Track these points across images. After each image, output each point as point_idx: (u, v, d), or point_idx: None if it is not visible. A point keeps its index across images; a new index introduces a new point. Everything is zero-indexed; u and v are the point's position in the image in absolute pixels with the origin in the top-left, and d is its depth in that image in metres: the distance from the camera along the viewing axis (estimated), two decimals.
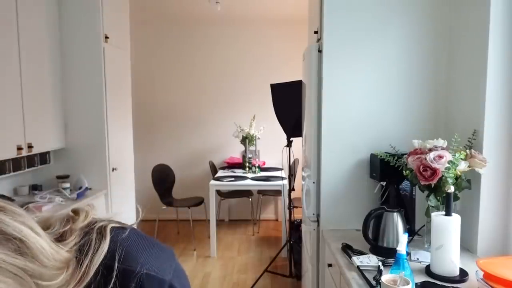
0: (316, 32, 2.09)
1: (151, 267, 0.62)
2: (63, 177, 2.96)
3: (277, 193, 4.45)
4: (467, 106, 1.72)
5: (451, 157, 1.50)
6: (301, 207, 2.57)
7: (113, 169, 3.21)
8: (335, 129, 1.94)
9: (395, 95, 1.93)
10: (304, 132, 2.37)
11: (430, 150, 1.55)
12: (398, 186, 1.83)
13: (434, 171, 1.48)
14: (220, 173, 4.50)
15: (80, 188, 2.85)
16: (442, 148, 1.56)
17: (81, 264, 0.57)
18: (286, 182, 3.81)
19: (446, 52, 1.90)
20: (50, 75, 2.88)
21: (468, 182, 1.56)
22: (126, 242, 0.63)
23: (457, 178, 1.52)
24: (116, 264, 0.60)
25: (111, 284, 0.58)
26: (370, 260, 1.48)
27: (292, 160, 3.29)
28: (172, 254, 0.66)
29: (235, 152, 5.19)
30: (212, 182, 4.04)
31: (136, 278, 0.61)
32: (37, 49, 2.70)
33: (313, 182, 2.06)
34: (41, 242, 0.53)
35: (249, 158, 4.51)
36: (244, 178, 4.19)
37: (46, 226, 0.57)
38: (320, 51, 1.99)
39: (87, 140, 3.07)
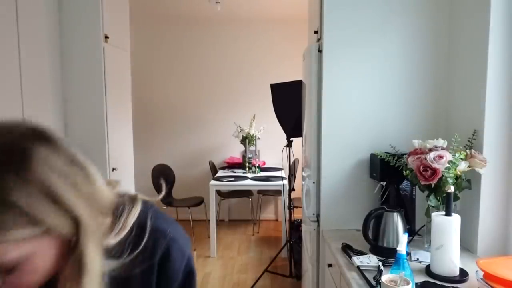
0: (316, 32, 2.09)
1: (177, 235, 0.71)
2: None
3: (277, 193, 4.45)
4: (467, 106, 1.72)
5: (451, 157, 1.50)
6: (301, 207, 2.57)
7: (113, 169, 3.21)
8: (335, 129, 1.94)
9: (395, 95, 1.93)
10: (304, 132, 2.37)
11: (430, 150, 1.55)
12: (398, 186, 1.83)
13: (434, 171, 1.48)
14: (220, 173, 4.50)
15: None
16: (442, 148, 1.56)
17: (119, 218, 0.64)
18: (286, 182, 3.81)
19: (446, 52, 1.90)
20: (50, 75, 2.88)
21: (468, 182, 1.56)
22: (155, 211, 0.71)
23: (457, 178, 1.52)
24: (149, 223, 0.67)
25: (144, 241, 0.65)
26: (370, 260, 1.48)
27: (292, 160, 3.29)
28: (189, 240, 0.74)
29: (235, 152, 5.19)
30: (212, 182, 4.04)
31: (166, 238, 0.69)
32: (36, 49, 2.70)
33: (313, 182, 2.06)
34: (98, 175, 0.61)
35: (249, 158, 4.51)
36: (244, 178, 4.19)
37: None
38: (320, 51, 1.99)
39: (87, 140, 3.07)
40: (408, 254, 1.49)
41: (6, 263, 0.52)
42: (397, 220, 1.58)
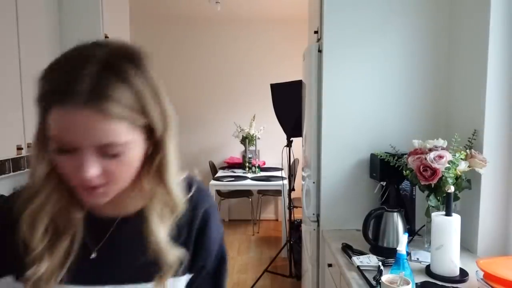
0: (316, 32, 2.09)
1: (215, 206, 0.80)
2: None
3: (277, 193, 4.45)
4: (467, 106, 1.72)
5: (451, 157, 1.50)
6: (301, 207, 2.57)
7: None
8: (335, 129, 1.94)
9: (395, 95, 1.93)
10: (304, 132, 2.37)
11: (430, 150, 1.55)
12: (398, 186, 1.83)
13: (434, 171, 1.48)
14: (220, 173, 4.50)
15: None
16: (442, 148, 1.56)
17: None
18: (286, 182, 3.81)
19: (446, 52, 1.90)
20: None
21: (468, 182, 1.56)
22: (198, 180, 0.80)
23: (457, 178, 1.52)
24: (195, 184, 0.77)
25: (191, 193, 0.74)
26: (370, 260, 1.48)
27: (292, 160, 3.29)
28: None
29: (235, 152, 5.19)
30: (212, 182, 4.04)
31: (209, 201, 0.78)
32: (36, 49, 2.70)
33: (313, 182, 2.06)
34: None
35: (249, 158, 4.51)
36: (244, 178, 4.19)
37: None
38: (320, 51, 1.99)
39: None
40: (408, 254, 1.49)
41: (114, 145, 0.59)
42: (397, 220, 1.58)
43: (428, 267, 1.43)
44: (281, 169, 4.32)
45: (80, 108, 0.55)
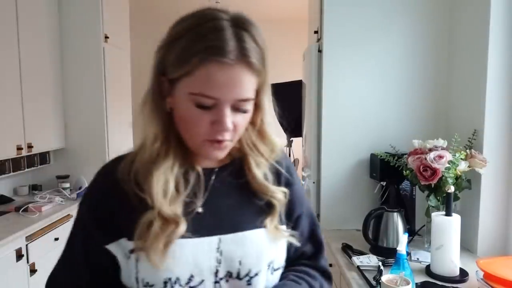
0: (316, 32, 2.09)
1: None
2: (63, 177, 2.96)
3: None
4: (467, 106, 1.72)
5: (451, 157, 1.50)
6: None
7: None
8: (335, 129, 1.94)
9: (395, 95, 1.93)
10: (304, 132, 2.37)
11: (430, 150, 1.55)
12: (398, 186, 1.83)
13: (434, 171, 1.48)
14: None
15: (80, 188, 2.85)
16: (442, 148, 1.56)
17: None
18: None
19: (447, 52, 1.90)
20: (50, 75, 2.88)
21: (468, 182, 1.56)
22: None
23: (457, 178, 1.52)
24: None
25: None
26: (370, 260, 1.48)
27: (292, 160, 3.28)
28: None
29: None
30: None
31: (289, 158, 0.84)
32: (37, 49, 2.70)
33: (313, 182, 2.06)
34: None
35: None
36: None
37: None
38: (320, 51, 1.99)
39: (87, 140, 3.07)
40: (408, 254, 1.49)
41: (248, 100, 0.65)
42: (397, 220, 1.58)
43: (428, 267, 1.43)
44: None
45: (234, 62, 0.62)
